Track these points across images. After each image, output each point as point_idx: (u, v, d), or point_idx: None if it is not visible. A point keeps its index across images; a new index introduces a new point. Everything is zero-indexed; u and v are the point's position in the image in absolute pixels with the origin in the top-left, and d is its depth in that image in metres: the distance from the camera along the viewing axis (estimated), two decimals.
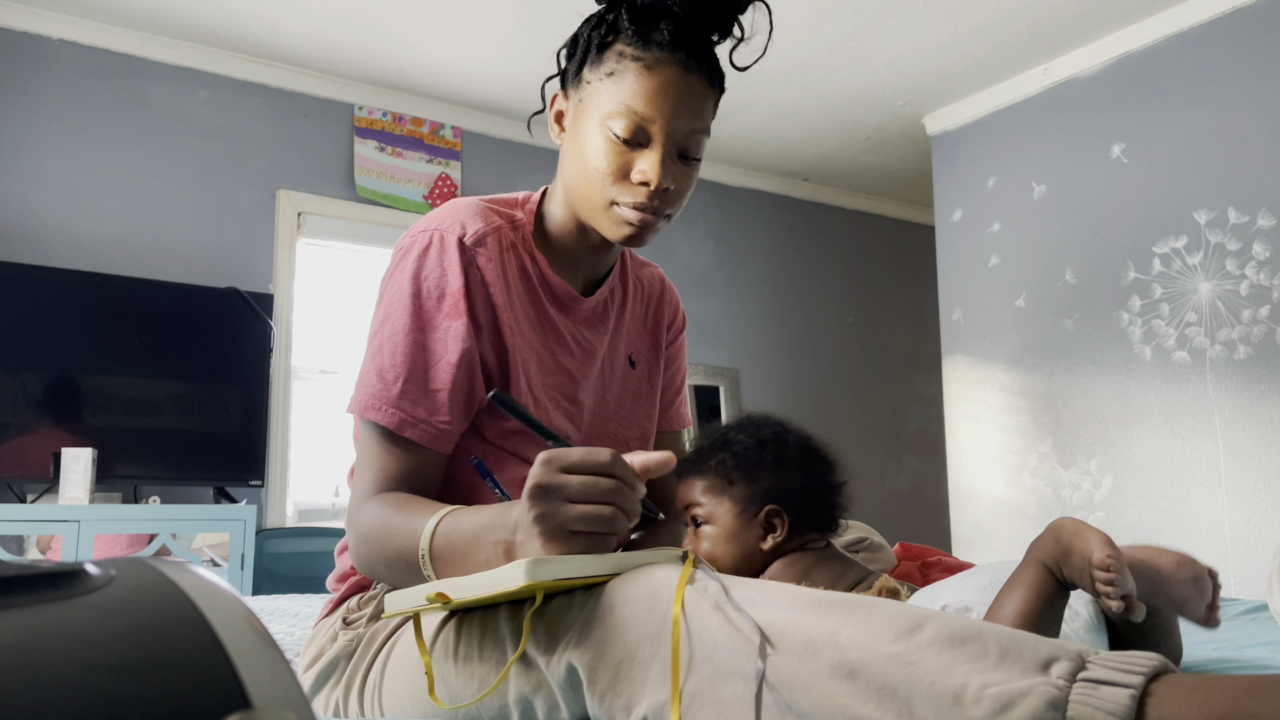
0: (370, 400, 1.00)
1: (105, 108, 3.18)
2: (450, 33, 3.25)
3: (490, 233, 1.05)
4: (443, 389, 1.00)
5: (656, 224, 1.03)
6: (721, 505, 1.10)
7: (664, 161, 0.99)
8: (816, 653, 0.64)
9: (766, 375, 4.47)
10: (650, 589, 0.74)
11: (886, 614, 0.66)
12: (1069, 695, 0.57)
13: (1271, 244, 2.90)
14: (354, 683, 1.00)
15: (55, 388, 2.85)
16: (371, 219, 3.55)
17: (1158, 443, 3.12)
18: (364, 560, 0.98)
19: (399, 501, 0.96)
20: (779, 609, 0.69)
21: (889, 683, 0.61)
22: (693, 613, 0.70)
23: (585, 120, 1.03)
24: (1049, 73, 3.54)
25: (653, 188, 0.99)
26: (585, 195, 1.03)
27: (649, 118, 0.99)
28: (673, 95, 0.99)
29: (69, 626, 0.32)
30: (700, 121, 1.02)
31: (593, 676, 0.75)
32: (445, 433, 1.00)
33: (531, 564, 0.73)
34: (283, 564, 3.07)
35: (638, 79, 0.98)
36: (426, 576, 0.89)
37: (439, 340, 1.01)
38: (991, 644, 0.61)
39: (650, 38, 0.99)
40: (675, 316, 1.30)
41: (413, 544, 0.90)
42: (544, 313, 1.10)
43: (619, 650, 0.73)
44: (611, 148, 1.00)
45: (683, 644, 0.70)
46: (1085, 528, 0.82)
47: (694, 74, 1.00)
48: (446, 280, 1.02)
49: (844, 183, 4.75)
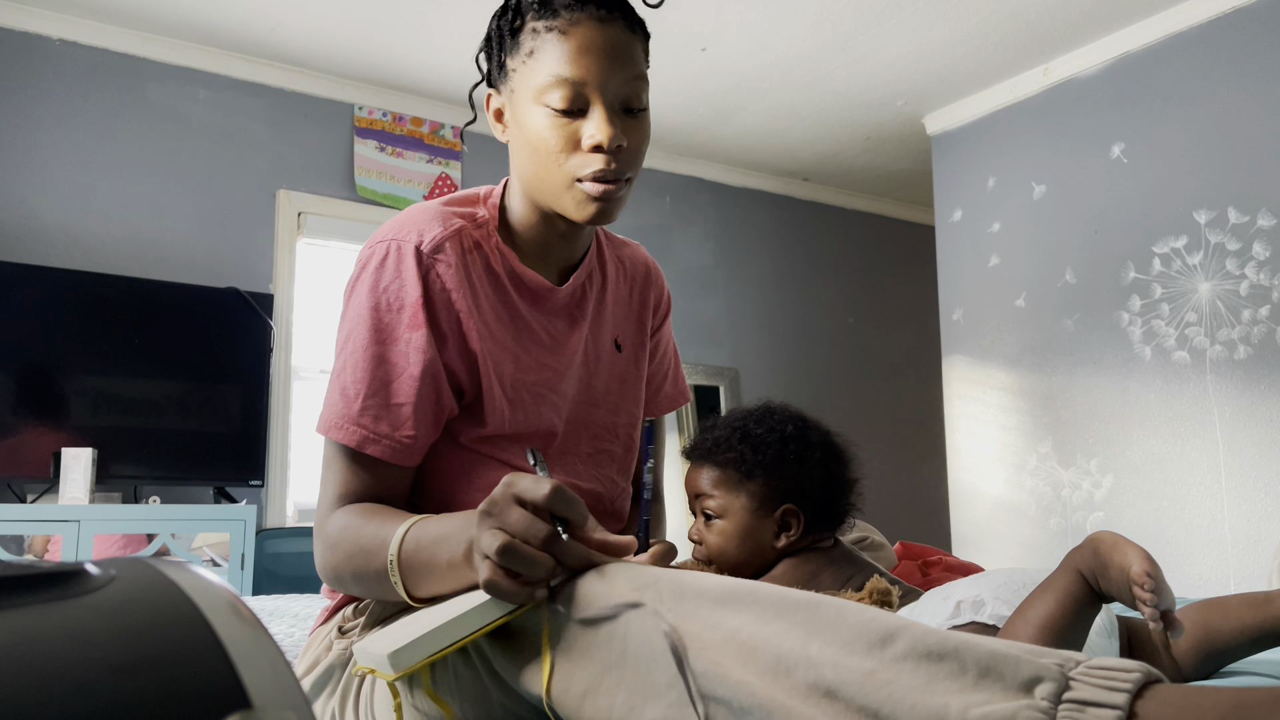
0: (334, 420, 0.98)
1: (105, 108, 3.18)
2: (450, 33, 3.25)
3: (449, 237, 1.03)
4: (406, 403, 0.98)
5: (619, 192, 1.01)
6: (737, 500, 1.08)
7: (610, 119, 0.97)
8: (790, 670, 0.63)
9: (766, 375, 4.47)
10: (604, 613, 0.72)
11: (855, 621, 0.64)
12: (1055, 718, 0.56)
13: (1271, 244, 2.90)
14: (349, 692, 1.00)
15: (55, 387, 2.85)
16: (371, 219, 3.55)
17: (1158, 443, 3.12)
18: (330, 572, 0.97)
19: (366, 511, 0.95)
20: (740, 612, 0.67)
21: (869, 704, 0.60)
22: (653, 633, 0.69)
23: (521, 107, 1.01)
24: (1049, 73, 3.54)
25: (606, 147, 0.97)
26: (543, 181, 1.02)
27: (580, 80, 0.97)
28: (596, 50, 0.97)
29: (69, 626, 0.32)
30: (632, 68, 0.99)
31: (562, 700, 0.74)
32: (409, 447, 0.99)
33: (395, 655, 0.73)
34: (283, 564, 3.06)
35: (557, 46, 0.97)
36: (394, 584, 0.89)
37: (400, 353, 0.99)
38: (970, 661, 0.59)
39: (555, 4, 0.98)
40: (661, 298, 1.28)
41: (381, 553, 0.89)
42: (515, 310, 1.08)
43: (584, 680, 0.72)
44: (554, 123, 0.98)
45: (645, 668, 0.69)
46: (1124, 542, 0.81)
47: (610, 23, 0.98)
48: (405, 291, 1.00)
49: (844, 183, 4.75)
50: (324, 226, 3.51)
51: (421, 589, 0.88)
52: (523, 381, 1.07)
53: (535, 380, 1.08)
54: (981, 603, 0.93)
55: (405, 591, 0.89)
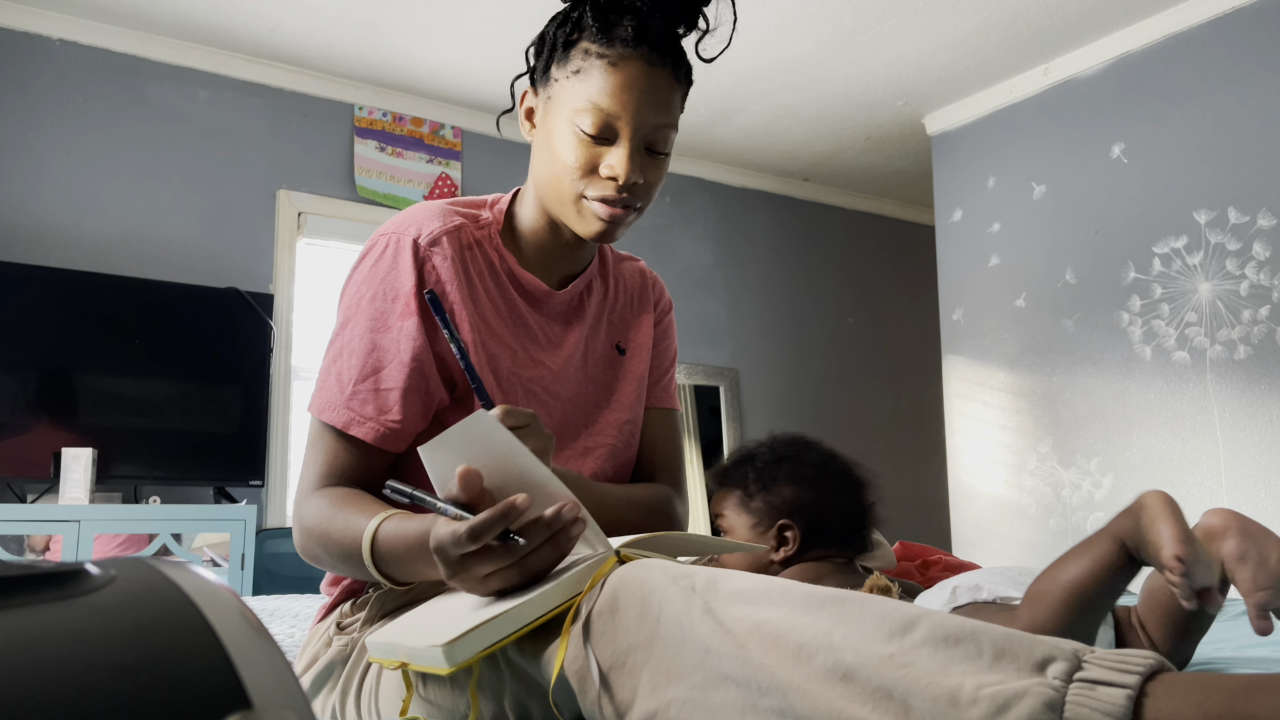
0: (326, 401, 1.03)
1: (105, 108, 3.18)
2: (450, 33, 3.25)
3: (448, 232, 1.06)
4: (395, 388, 1.02)
5: (626, 218, 1.04)
6: (740, 518, 1.16)
7: (631, 157, 1.00)
8: (811, 655, 0.64)
9: (766, 375, 4.47)
10: (640, 596, 0.73)
11: (878, 612, 0.65)
12: (1065, 696, 0.57)
13: (1271, 244, 2.90)
14: (350, 687, 1.01)
15: (55, 387, 2.85)
16: (371, 219, 3.55)
17: (1158, 443, 3.12)
18: (307, 553, 1.02)
19: (339, 498, 0.98)
20: (769, 607, 0.68)
21: (884, 685, 0.61)
22: (683, 617, 0.70)
23: (554, 117, 1.03)
24: (1049, 73, 3.54)
25: (621, 182, 1.00)
26: (555, 190, 1.04)
27: (615, 114, 0.99)
28: (638, 91, 0.99)
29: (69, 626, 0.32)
30: (666, 116, 1.02)
31: (583, 685, 0.74)
32: (395, 431, 1.02)
33: (449, 648, 0.72)
34: (283, 564, 3.06)
35: (603, 76, 0.99)
36: (378, 580, 0.93)
37: (392, 340, 1.03)
38: (986, 644, 0.61)
39: (614, 34, 0.99)
40: (660, 298, 1.31)
41: (353, 542, 0.93)
42: (514, 307, 1.10)
43: (609, 658, 0.73)
44: (579, 144, 1.01)
45: (674, 650, 0.69)
46: (1162, 515, 0.77)
47: (658, 68, 1.00)
48: (400, 281, 1.03)
49: (844, 183, 4.75)
50: (324, 226, 3.51)
51: (406, 577, 0.92)
52: (518, 376, 1.09)
53: (529, 377, 1.10)
54: (978, 587, 0.95)
55: (387, 579, 0.93)
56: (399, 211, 1.13)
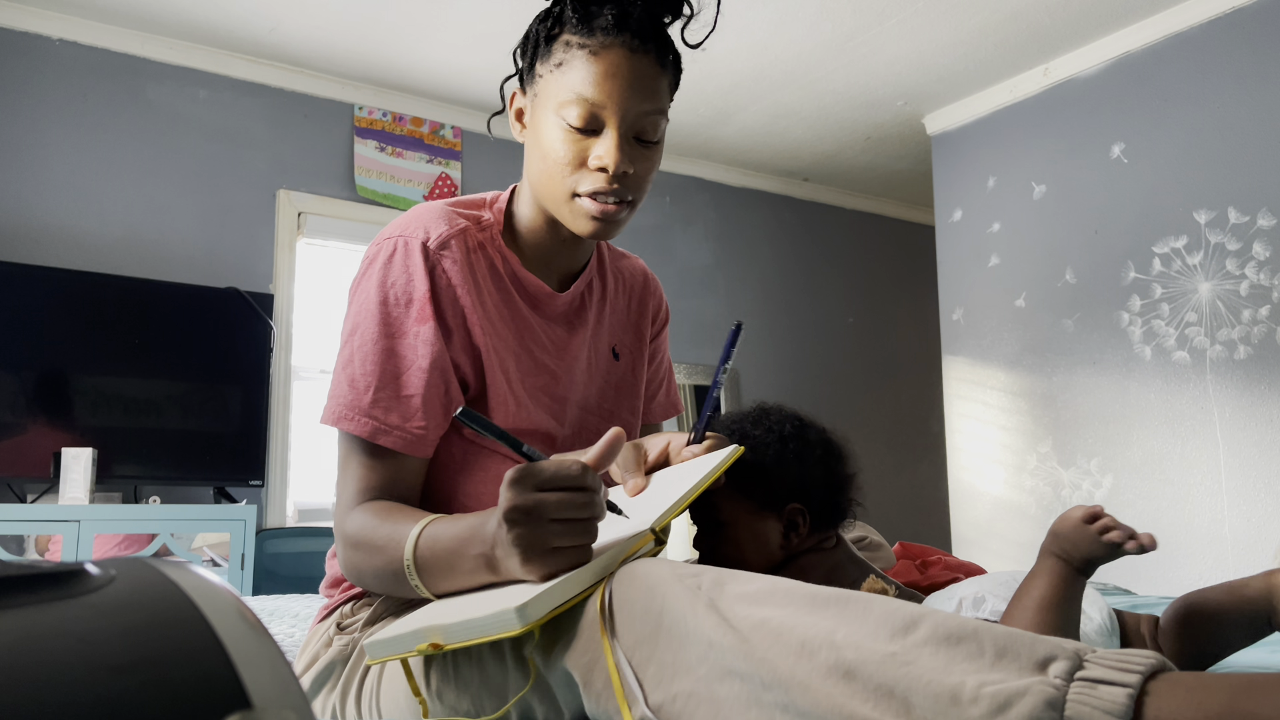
0: (343, 410, 1.00)
1: (105, 108, 3.18)
2: (450, 33, 3.25)
3: (455, 235, 1.05)
4: (416, 394, 1.00)
5: (620, 213, 1.02)
6: (740, 504, 1.06)
7: (620, 146, 0.99)
8: (813, 652, 0.65)
9: (766, 375, 4.46)
10: (644, 591, 0.74)
11: (881, 611, 0.66)
12: (1066, 694, 0.57)
13: (1271, 244, 2.90)
14: (350, 687, 1.01)
15: (55, 387, 2.85)
16: (371, 219, 3.55)
17: (1158, 443, 3.12)
18: (352, 571, 0.99)
19: (382, 511, 0.96)
20: (773, 607, 0.69)
21: (886, 682, 0.61)
22: (688, 612, 0.70)
23: (541, 114, 1.03)
24: (1049, 73, 3.54)
25: (611, 172, 0.99)
26: (548, 188, 1.03)
27: (599, 103, 0.98)
28: (621, 78, 0.98)
29: (69, 626, 0.32)
30: (652, 102, 1.00)
31: (588, 679, 0.75)
32: (421, 438, 1.00)
33: (521, 608, 0.73)
34: (283, 564, 3.06)
35: (585, 65, 0.98)
36: (414, 586, 0.90)
37: (409, 346, 1.01)
38: (988, 643, 0.61)
39: (594, 23, 0.98)
40: (659, 308, 1.29)
41: (397, 554, 0.91)
42: (518, 311, 1.10)
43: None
44: (567, 137, 1.00)
45: (679, 643, 0.70)
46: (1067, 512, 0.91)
47: (641, 55, 0.99)
48: (413, 285, 1.01)
49: (844, 183, 4.75)
50: (324, 226, 3.51)
51: (441, 588, 0.90)
52: (524, 381, 1.09)
53: (537, 383, 1.10)
54: (982, 599, 0.96)
55: (428, 591, 0.90)
56: (400, 212, 1.12)
